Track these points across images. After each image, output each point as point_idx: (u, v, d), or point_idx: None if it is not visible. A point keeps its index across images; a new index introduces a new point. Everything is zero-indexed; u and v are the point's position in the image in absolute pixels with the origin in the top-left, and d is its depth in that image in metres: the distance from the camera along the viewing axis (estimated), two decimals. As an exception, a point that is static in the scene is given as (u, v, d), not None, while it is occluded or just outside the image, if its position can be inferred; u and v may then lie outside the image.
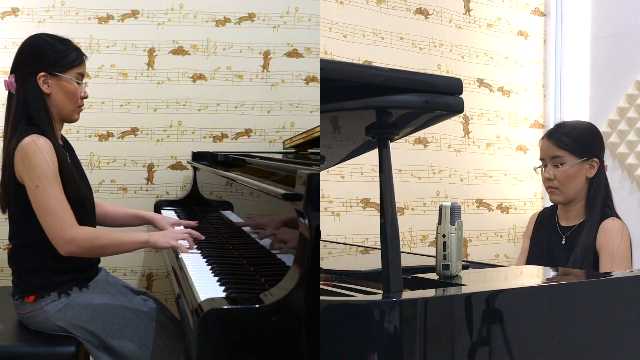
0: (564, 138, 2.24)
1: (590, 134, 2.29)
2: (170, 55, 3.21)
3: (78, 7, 3.13)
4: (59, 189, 1.90)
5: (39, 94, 2.01)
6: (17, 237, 2.03)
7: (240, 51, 3.27)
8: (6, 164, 1.98)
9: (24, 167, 1.90)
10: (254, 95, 3.29)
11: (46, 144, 1.92)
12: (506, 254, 3.56)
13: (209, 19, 3.25)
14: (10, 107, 2.04)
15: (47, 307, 1.95)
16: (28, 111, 1.99)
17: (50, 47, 2.04)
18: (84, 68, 2.10)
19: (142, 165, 3.20)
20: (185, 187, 3.22)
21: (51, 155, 1.91)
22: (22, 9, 3.09)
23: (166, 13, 3.21)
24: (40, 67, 2.01)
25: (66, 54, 2.05)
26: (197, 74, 3.24)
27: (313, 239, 1.34)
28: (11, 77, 2.04)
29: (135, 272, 3.19)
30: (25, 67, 2.03)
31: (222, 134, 3.28)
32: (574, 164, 2.22)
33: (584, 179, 2.24)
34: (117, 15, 3.17)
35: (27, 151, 1.90)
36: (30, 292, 1.97)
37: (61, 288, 1.96)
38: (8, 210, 2.04)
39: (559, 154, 2.23)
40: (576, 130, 2.26)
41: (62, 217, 1.88)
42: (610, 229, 2.15)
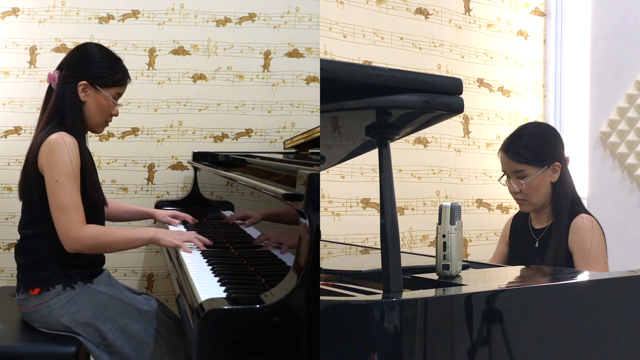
0: (521, 151, 2.19)
1: (547, 138, 2.24)
2: (171, 55, 3.21)
3: (78, 7, 3.14)
4: (76, 187, 1.96)
5: (76, 99, 2.07)
6: (29, 227, 2.06)
7: (240, 51, 3.28)
8: (30, 155, 2.03)
9: (46, 161, 1.95)
10: (255, 95, 3.29)
11: (73, 143, 1.98)
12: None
13: (209, 19, 3.25)
14: (47, 101, 2.11)
15: (51, 302, 1.96)
16: (62, 112, 2.06)
17: (100, 60, 2.13)
18: (124, 90, 2.19)
19: (143, 166, 3.20)
20: (186, 187, 3.23)
21: (75, 154, 1.97)
22: (23, 9, 3.10)
23: (167, 13, 3.22)
24: (84, 76, 2.08)
25: (112, 72, 2.13)
26: (197, 74, 3.24)
27: (313, 239, 1.34)
28: (56, 72, 2.10)
29: (135, 272, 3.19)
30: (72, 69, 2.10)
31: (222, 134, 3.28)
32: (536, 175, 2.19)
33: (549, 185, 2.21)
34: (117, 15, 3.17)
35: (53, 146, 1.95)
36: (35, 284, 1.98)
37: (66, 281, 1.98)
38: (24, 198, 2.08)
39: (520, 168, 2.20)
40: (532, 139, 2.20)
41: (72, 215, 1.93)
42: (580, 227, 2.14)
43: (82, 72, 2.09)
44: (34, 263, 2.01)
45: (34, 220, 2.04)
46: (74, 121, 2.06)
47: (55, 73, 2.11)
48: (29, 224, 2.06)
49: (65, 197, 1.93)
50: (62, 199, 1.93)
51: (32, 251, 2.03)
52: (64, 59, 2.16)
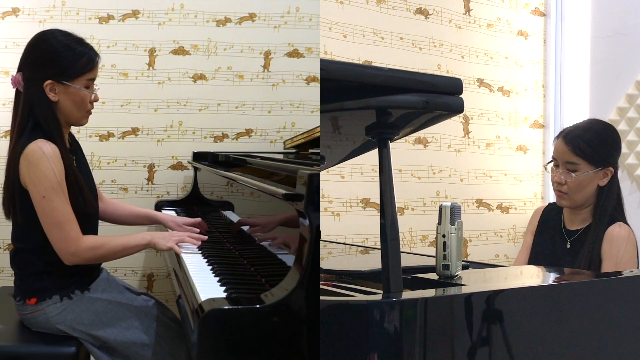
0: (582, 145, 2.11)
1: (610, 141, 2.17)
2: (171, 55, 3.21)
3: (79, 7, 3.14)
4: (65, 199, 1.87)
5: (45, 101, 1.93)
6: (20, 241, 2.01)
7: (241, 51, 3.28)
8: (10, 168, 1.94)
9: (29, 176, 1.86)
10: (255, 95, 3.29)
11: (53, 151, 1.87)
12: (506, 254, 3.56)
13: (209, 18, 3.25)
14: (17, 106, 1.98)
15: (47, 309, 1.94)
16: (35, 116, 1.93)
17: (59, 52, 1.94)
18: (95, 72, 2.00)
19: (143, 166, 3.20)
20: (186, 187, 3.23)
21: (57, 163, 1.87)
22: (23, 9, 3.10)
23: (167, 13, 3.22)
24: (47, 74, 1.92)
25: (76, 59, 1.94)
26: (197, 74, 3.25)
27: (313, 239, 1.34)
28: (18, 75, 1.96)
29: (135, 272, 3.19)
30: (32, 69, 1.95)
31: (222, 134, 3.28)
32: (588, 173, 2.12)
33: (595, 187, 2.15)
34: (117, 15, 3.17)
35: (32, 159, 1.85)
36: (31, 294, 1.96)
37: (63, 291, 1.96)
38: (12, 215, 2.01)
39: (574, 161, 2.12)
40: (596, 136, 2.14)
41: (67, 229, 1.86)
42: (617, 236, 2.08)
43: (43, 71, 1.92)
44: (31, 274, 1.97)
45: (24, 235, 1.98)
46: (49, 125, 1.92)
47: (17, 76, 1.96)
48: (21, 238, 2.00)
49: (56, 213, 1.85)
50: (53, 215, 1.85)
51: (27, 263, 1.98)
52: (21, 58, 1.99)
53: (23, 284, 1.99)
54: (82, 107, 1.99)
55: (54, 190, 1.85)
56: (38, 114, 1.93)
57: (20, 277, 2.01)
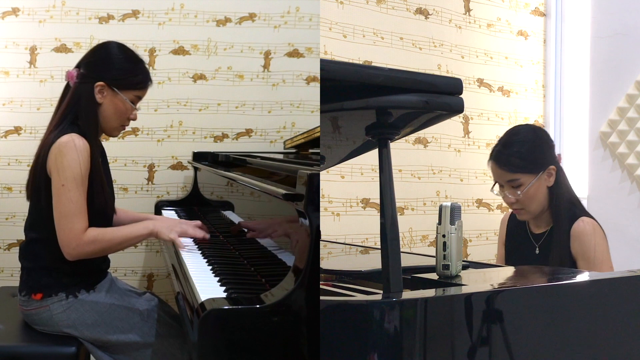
0: (513, 160, 2.09)
1: (539, 143, 2.14)
2: (171, 55, 3.21)
3: (79, 7, 3.14)
4: (82, 193, 1.90)
5: (91, 100, 2.00)
6: (35, 229, 2.02)
7: (241, 51, 3.28)
8: (39, 155, 1.97)
9: (55, 164, 1.90)
10: (255, 95, 3.29)
11: (84, 146, 1.91)
12: (506, 254, 3.56)
13: (209, 18, 3.25)
14: (63, 99, 2.05)
15: (52, 306, 1.95)
16: (76, 112, 2.00)
17: (121, 61, 2.05)
18: (144, 93, 2.11)
19: (143, 166, 3.20)
20: (186, 187, 3.23)
21: (85, 158, 1.91)
22: (23, 9, 3.10)
23: (167, 13, 3.22)
24: (102, 76, 2.01)
25: (133, 74, 2.06)
26: (197, 74, 3.25)
27: (313, 239, 1.34)
28: (75, 71, 2.03)
29: (135, 272, 3.19)
30: (90, 68, 2.03)
31: (222, 134, 3.28)
32: (532, 183, 2.09)
33: (546, 190, 2.13)
34: (117, 15, 3.17)
35: (62, 148, 1.89)
36: (38, 290, 1.96)
37: (69, 289, 1.96)
38: (32, 199, 2.03)
39: (514, 178, 2.10)
40: (524, 145, 2.10)
41: (74, 221, 1.87)
42: (582, 233, 2.06)
43: (100, 72, 2.02)
44: (38, 268, 1.98)
45: (40, 222, 1.99)
46: (87, 123, 1.99)
47: (73, 71, 2.03)
48: (35, 226, 2.02)
49: (69, 204, 1.87)
50: (66, 205, 1.87)
51: (37, 256, 1.99)
52: (83, 57, 2.09)
53: (30, 279, 1.99)
54: (121, 118, 2.08)
55: (75, 181, 1.88)
56: (81, 110, 2.00)
57: (28, 272, 2.01)
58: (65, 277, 1.97)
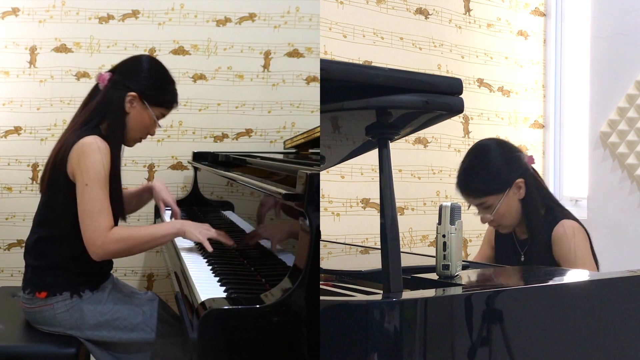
0: (475, 186, 2.10)
1: (500, 161, 2.11)
2: (171, 55, 3.21)
3: (79, 7, 3.14)
4: (105, 192, 1.90)
5: (121, 109, 2.03)
6: (46, 226, 2.01)
7: (241, 51, 3.28)
8: (59, 151, 1.97)
9: (78, 164, 1.90)
10: (255, 95, 3.29)
11: (106, 149, 1.92)
12: (506, 254, 3.56)
13: (209, 18, 3.25)
14: (90, 100, 2.06)
15: (56, 305, 1.95)
16: (105, 117, 2.01)
17: (155, 77, 2.09)
18: (168, 112, 2.15)
19: (143, 166, 3.20)
20: (186, 187, 3.23)
21: (107, 161, 1.92)
22: (23, 9, 3.10)
23: (167, 13, 3.22)
24: (135, 87, 2.04)
25: (166, 91, 2.10)
26: (197, 74, 3.24)
27: (313, 239, 1.34)
28: (108, 74, 2.06)
29: (135, 272, 3.19)
30: (124, 77, 2.05)
31: (222, 134, 3.28)
32: (500, 203, 2.09)
33: (518, 203, 2.12)
34: (117, 15, 3.17)
35: (86, 149, 1.90)
36: (43, 288, 1.96)
37: (74, 289, 1.96)
38: (45, 195, 2.02)
39: (481, 202, 2.12)
40: (485, 169, 2.10)
41: (99, 220, 1.87)
42: (562, 236, 2.05)
43: (134, 83, 2.04)
44: (45, 267, 1.98)
45: (52, 220, 1.99)
46: (114, 130, 2.01)
47: (106, 75, 2.06)
48: (46, 223, 2.02)
49: (94, 203, 1.87)
50: (91, 204, 1.87)
51: (45, 254, 1.99)
52: (119, 64, 2.11)
53: (35, 277, 1.99)
54: (144, 131, 2.10)
55: (98, 181, 1.88)
56: (109, 116, 2.02)
57: (33, 270, 2.01)
58: (70, 276, 1.97)
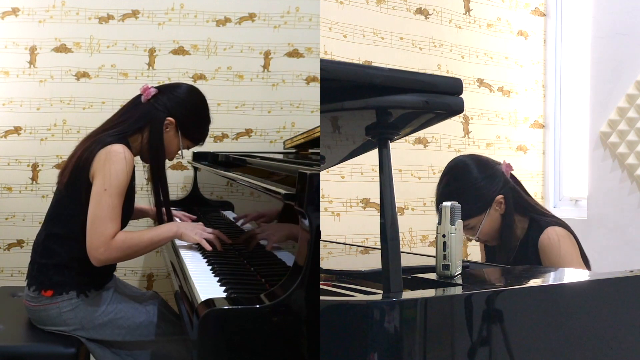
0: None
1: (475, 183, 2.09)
2: (171, 55, 3.21)
3: (78, 7, 3.14)
4: (120, 202, 1.92)
5: (159, 129, 2.08)
6: (57, 224, 2.01)
7: (240, 51, 3.28)
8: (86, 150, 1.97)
9: (101, 168, 1.92)
10: (255, 95, 3.29)
11: (132, 160, 1.98)
12: (506, 254, 3.56)
13: (209, 18, 3.25)
14: (130, 109, 2.10)
15: (62, 304, 1.96)
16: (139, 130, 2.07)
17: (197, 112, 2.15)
18: (193, 146, 2.21)
19: (143, 166, 3.20)
20: (186, 188, 3.23)
21: (130, 174, 1.97)
22: (23, 9, 3.10)
23: (167, 13, 3.22)
24: (177, 115, 2.09)
25: (199, 129, 2.17)
26: (197, 74, 3.24)
27: (313, 239, 1.34)
28: (154, 90, 2.10)
29: (135, 272, 3.19)
30: (169, 100, 2.09)
31: (222, 134, 3.28)
32: (483, 223, 2.07)
33: (499, 219, 2.10)
34: (117, 15, 3.17)
35: (113, 156, 1.92)
36: (49, 286, 1.96)
37: (80, 288, 1.97)
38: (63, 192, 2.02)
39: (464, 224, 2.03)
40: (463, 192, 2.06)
41: (107, 226, 1.88)
42: (547, 245, 2.04)
43: (177, 110, 2.09)
44: (52, 265, 1.98)
45: (65, 218, 2.00)
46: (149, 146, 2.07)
47: (152, 90, 2.09)
48: (58, 220, 2.02)
49: (107, 209, 1.88)
50: (104, 209, 1.88)
51: (54, 252, 1.99)
52: (168, 86, 2.16)
53: (42, 274, 1.99)
54: (166, 156, 2.16)
55: (118, 189, 1.91)
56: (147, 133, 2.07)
57: (39, 267, 2.01)
58: (77, 276, 1.97)
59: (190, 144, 2.18)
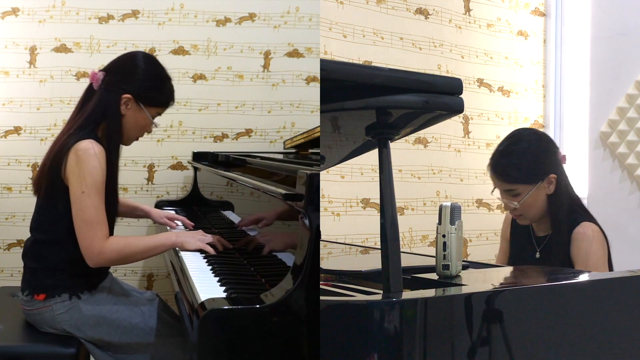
0: (510, 171, 2.08)
1: (539, 153, 2.12)
2: (171, 55, 3.21)
3: (78, 7, 3.14)
4: (101, 200, 1.89)
5: (117, 112, 1.99)
6: (42, 230, 2.00)
7: (240, 51, 3.28)
8: (55, 154, 1.95)
9: (74, 170, 1.88)
10: (255, 95, 3.29)
11: (102, 153, 1.90)
12: (506, 254, 3.56)
13: (209, 18, 3.25)
14: (85, 101, 2.03)
15: (55, 306, 1.95)
16: (100, 120, 1.98)
17: (150, 77, 2.04)
18: (164, 110, 2.11)
19: (143, 166, 3.20)
20: (186, 187, 3.23)
21: (104, 166, 1.90)
22: (23, 9, 3.10)
23: (167, 13, 3.22)
24: (130, 89, 2.00)
25: (159, 92, 2.06)
26: (197, 74, 3.25)
27: (313, 239, 1.34)
28: (101, 74, 2.01)
29: (135, 272, 3.19)
30: (118, 77, 2.01)
31: (222, 134, 3.28)
32: (529, 193, 2.08)
33: (545, 197, 2.11)
34: (117, 15, 3.17)
35: (83, 155, 1.87)
36: (41, 290, 1.96)
37: (72, 290, 1.96)
38: (41, 199, 2.01)
39: (511, 188, 2.10)
40: (522, 156, 2.09)
41: (97, 228, 1.86)
42: (582, 237, 2.05)
43: (128, 85, 2.00)
44: (43, 269, 1.97)
45: (48, 224, 1.99)
46: (111, 133, 1.99)
47: (99, 74, 2.01)
48: (43, 227, 2.01)
49: (90, 211, 1.86)
50: (87, 212, 1.86)
51: (42, 257, 1.98)
52: (111, 63, 2.07)
53: (34, 279, 1.99)
54: (140, 131, 2.08)
55: (95, 189, 1.87)
56: (107, 120, 1.99)
57: (31, 272, 2.00)
58: (68, 278, 1.96)
59: (160, 109, 2.08)
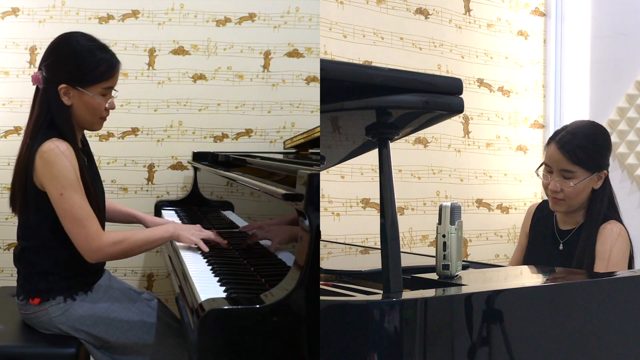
0: (578, 152, 2.06)
1: (604, 144, 2.13)
2: (171, 55, 3.21)
3: (78, 7, 3.14)
4: (82, 196, 1.86)
5: (60, 105, 1.92)
6: (27, 239, 2.00)
7: (240, 51, 3.28)
8: (22, 165, 1.92)
9: (46, 175, 1.85)
10: (255, 95, 3.29)
11: (68, 149, 1.86)
12: (506, 254, 3.56)
13: (209, 18, 3.25)
14: (35, 103, 1.97)
15: (50, 309, 1.94)
16: (51, 116, 1.92)
17: (78, 57, 1.93)
18: (113, 81, 1.98)
19: (143, 166, 3.20)
20: (186, 187, 3.23)
21: (73, 162, 1.86)
22: (23, 9, 3.10)
23: (167, 13, 3.22)
24: (63, 78, 1.91)
25: (95, 66, 1.93)
26: (197, 74, 3.25)
27: (313, 239, 1.34)
28: (38, 73, 1.94)
29: (135, 272, 3.19)
30: (50, 71, 1.93)
31: (222, 134, 3.28)
32: (585, 180, 2.07)
33: (590, 191, 2.11)
34: (117, 15, 3.17)
35: (49, 157, 1.84)
36: (35, 294, 1.95)
37: (67, 292, 1.95)
38: (19, 211, 1.99)
39: (571, 169, 2.07)
40: (590, 141, 2.08)
41: (87, 226, 1.84)
42: (608, 234, 2.05)
43: (60, 74, 1.92)
44: (35, 274, 1.96)
45: (32, 231, 1.98)
46: (65, 127, 1.91)
47: (37, 74, 1.94)
48: (27, 235, 2.00)
49: (75, 210, 1.83)
50: (72, 212, 1.83)
51: (33, 263, 1.97)
52: (42, 57, 1.99)
53: (27, 283, 1.98)
54: (95, 114, 1.98)
55: (72, 187, 1.84)
56: (55, 116, 1.92)
57: (24, 277, 2.00)
58: (62, 280, 1.95)
59: (104, 84, 1.95)
